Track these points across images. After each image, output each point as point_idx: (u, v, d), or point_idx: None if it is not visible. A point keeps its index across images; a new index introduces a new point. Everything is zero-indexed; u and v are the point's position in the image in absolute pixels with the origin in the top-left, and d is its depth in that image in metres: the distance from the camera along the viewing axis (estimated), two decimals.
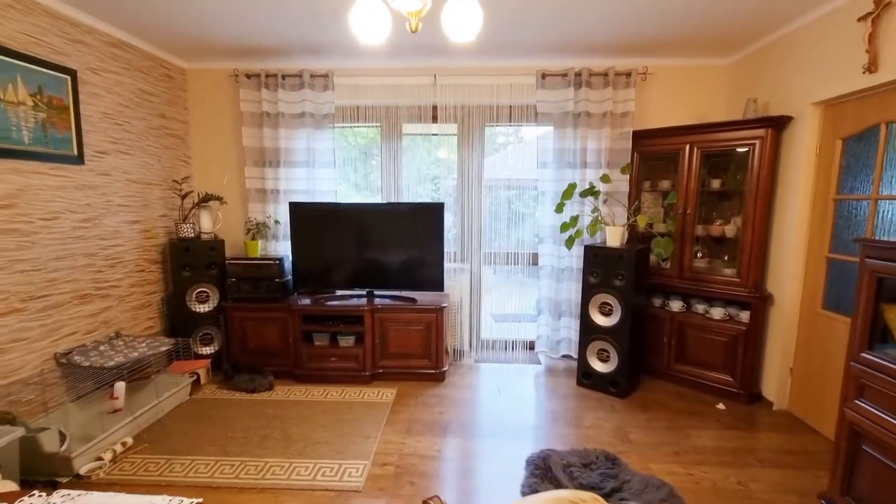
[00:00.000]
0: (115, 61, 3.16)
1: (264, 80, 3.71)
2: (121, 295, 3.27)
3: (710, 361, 3.36)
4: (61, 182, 2.78)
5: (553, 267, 3.87)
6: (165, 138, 3.68)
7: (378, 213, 3.74)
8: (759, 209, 3.12)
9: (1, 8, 2.40)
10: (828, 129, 2.79)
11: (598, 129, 3.64)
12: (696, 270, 3.46)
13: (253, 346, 3.61)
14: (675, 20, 2.91)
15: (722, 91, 3.72)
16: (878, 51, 2.35)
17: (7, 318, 2.47)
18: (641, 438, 2.77)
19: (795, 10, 2.78)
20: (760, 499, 2.21)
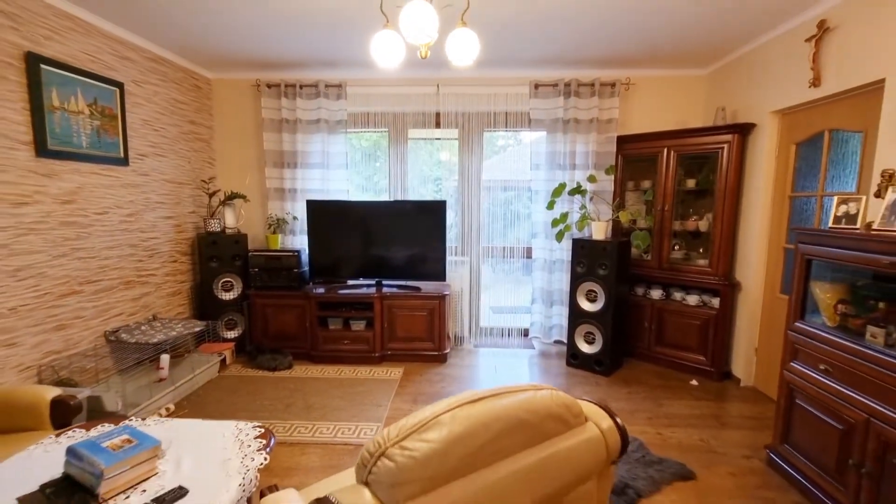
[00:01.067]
0: (153, 74, 3.55)
1: (284, 89, 4.10)
2: (157, 282, 3.65)
3: (685, 343, 3.73)
4: (110, 181, 3.17)
5: (545, 259, 4.25)
6: (194, 142, 4.07)
7: (386, 210, 4.12)
8: (728, 206, 3.49)
9: (67, 31, 2.79)
10: (784, 135, 3.18)
11: (586, 134, 4.02)
12: (674, 262, 3.83)
13: (273, 330, 3.99)
14: (653, 38, 3.29)
15: (699, 99, 4.10)
16: (821, 68, 2.73)
17: (69, 298, 2.86)
18: (620, 407, 3.14)
19: (756, 31, 3.16)
20: (718, 451, 2.58)
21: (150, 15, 2.94)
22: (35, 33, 2.60)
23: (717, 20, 2.96)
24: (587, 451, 1.04)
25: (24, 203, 2.57)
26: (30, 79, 2.56)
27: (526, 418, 0.97)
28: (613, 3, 2.73)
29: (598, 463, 1.06)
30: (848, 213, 2.14)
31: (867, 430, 1.84)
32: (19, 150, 2.53)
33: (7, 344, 2.49)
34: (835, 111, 2.74)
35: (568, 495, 1.01)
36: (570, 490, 1.02)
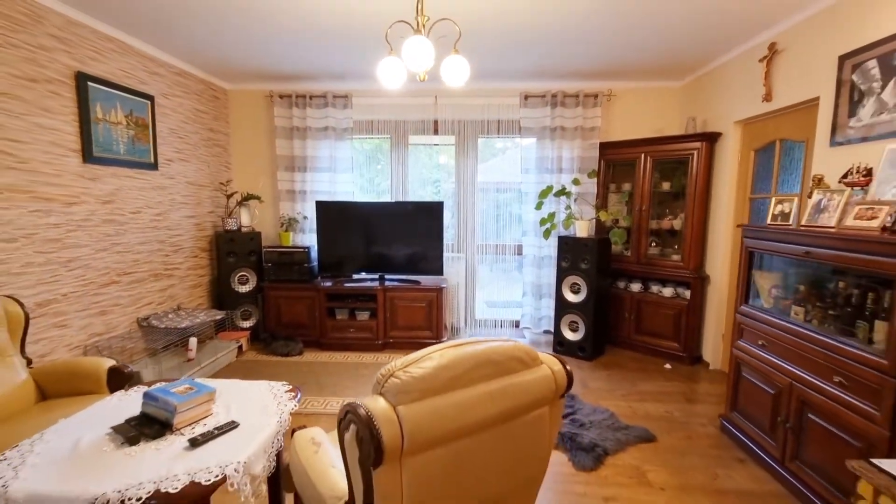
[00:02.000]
0: (179, 87, 3.93)
1: (295, 100, 4.48)
2: (181, 275, 4.03)
3: (660, 331, 4.10)
4: (142, 184, 3.54)
5: (535, 256, 4.62)
6: (212, 148, 4.45)
7: (388, 210, 4.49)
8: (698, 206, 3.87)
9: (108, 52, 3.17)
10: (745, 143, 3.55)
11: (571, 141, 4.40)
12: (651, 257, 4.21)
13: (286, 320, 4.36)
14: (631, 54, 3.66)
15: (674, 108, 4.47)
16: (772, 85, 3.11)
17: (109, 287, 3.23)
18: (598, 386, 3.51)
19: (720, 50, 3.54)
20: (679, 420, 2.95)
21: (178, 34, 3.32)
22: (83, 55, 2.98)
23: (686, 40, 3.33)
24: (540, 384, 1.40)
25: (74, 203, 2.95)
26: (79, 95, 2.94)
27: (494, 357, 1.34)
28: (592, 26, 3.10)
29: (548, 394, 1.42)
30: (783, 212, 2.51)
31: (791, 391, 2.21)
32: (70, 157, 2.91)
33: (60, 325, 2.86)
34: (783, 123, 3.11)
35: (527, 415, 1.38)
36: (527, 411, 1.38)
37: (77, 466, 1.38)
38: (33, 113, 2.65)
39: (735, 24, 3.05)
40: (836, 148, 2.55)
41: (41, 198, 2.72)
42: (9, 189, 2.53)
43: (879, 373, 1.74)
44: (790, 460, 2.22)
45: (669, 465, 2.46)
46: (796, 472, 2.18)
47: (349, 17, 2.95)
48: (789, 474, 2.22)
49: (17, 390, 2.23)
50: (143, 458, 1.42)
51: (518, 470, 1.39)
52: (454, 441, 1.22)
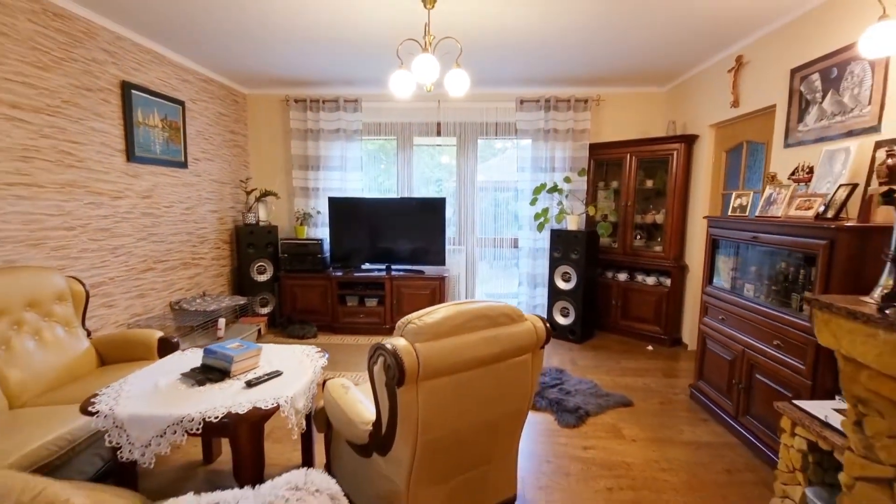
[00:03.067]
0: (205, 93, 4.32)
1: (309, 104, 4.86)
2: (206, 265, 4.41)
3: (644, 316, 4.48)
4: (174, 181, 3.93)
5: (530, 248, 5.00)
6: (233, 148, 4.83)
7: (395, 206, 4.88)
8: (677, 202, 4.25)
9: (148, 63, 3.56)
10: (718, 144, 3.93)
11: (563, 142, 4.78)
12: (636, 249, 4.59)
13: (301, 306, 4.75)
14: (618, 63, 4.04)
15: (659, 112, 4.85)
16: (738, 93, 3.49)
17: (146, 273, 3.62)
18: (585, 364, 3.89)
19: (696, 60, 3.91)
20: (654, 390, 3.33)
21: (206, 45, 3.68)
22: (127, 66, 3.36)
23: (666, 51, 3.69)
24: (525, 335, 1.77)
25: (120, 197, 3.33)
26: (124, 101, 3.32)
27: (488, 313, 1.71)
28: (583, 39, 3.47)
29: (531, 344, 1.79)
30: (741, 205, 2.89)
31: (743, 357, 2.59)
32: (116, 157, 3.29)
33: (108, 305, 3.25)
34: (749, 127, 3.49)
35: (513, 359, 1.75)
36: (514, 356, 1.75)
37: (161, 398, 1.77)
38: (88, 118, 3.04)
39: (708, 39, 3.42)
40: (788, 149, 2.93)
41: (94, 192, 3.11)
42: (69, 185, 2.91)
43: (805, 334, 2.12)
44: (742, 415, 2.60)
45: (642, 424, 2.84)
46: (746, 425, 2.56)
47: (360, 30, 3.33)
48: (741, 427, 2.60)
49: (82, 356, 2.61)
50: (211, 394, 1.80)
51: (506, 402, 1.77)
52: (457, 373, 1.60)
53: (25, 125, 2.62)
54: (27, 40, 2.62)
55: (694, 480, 2.27)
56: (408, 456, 1.59)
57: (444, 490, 1.74)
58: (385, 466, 1.68)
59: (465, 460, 1.76)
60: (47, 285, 2.54)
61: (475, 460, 1.79)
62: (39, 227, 2.73)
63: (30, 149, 2.65)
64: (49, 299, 2.53)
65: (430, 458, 1.63)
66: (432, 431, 1.59)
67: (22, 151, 2.61)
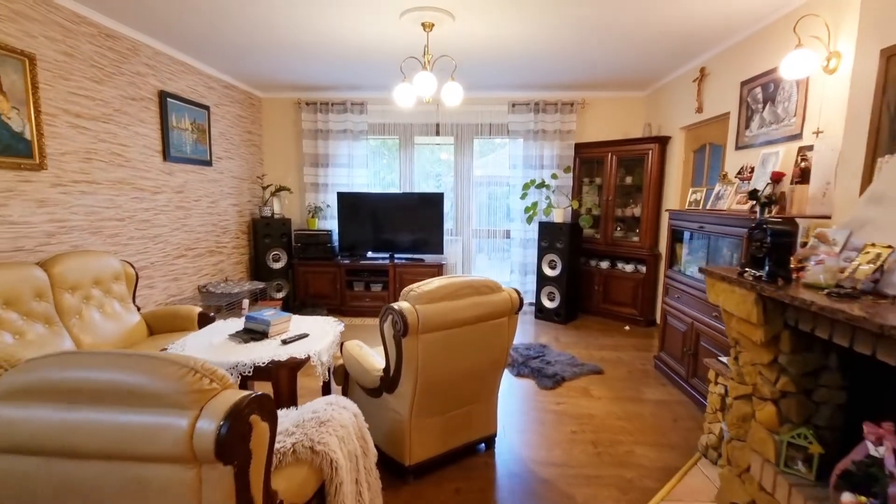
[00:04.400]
0: (226, 98, 4.78)
1: (319, 106, 5.32)
2: (227, 253, 4.90)
3: (622, 300, 4.96)
4: (201, 178, 4.40)
5: (521, 238, 5.48)
6: (250, 147, 5.30)
7: (398, 200, 5.35)
8: (652, 197, 4.71)
9: (180, 73, 4.02)
10: (688, 145, 4.39)
11: (551, 142, 5.24)
12: (616, 239, 5.06)
13: (312, 291, 5.24)
14: (601, 71, 4.48)
15: (639, 114, 5.30)
16: (702, 100, 3.94)
17: (179, 259, 4.11)
18: (567, 341, 4.38)
19: (668, 70, 4.36)
20: (624, 361, 3.82)
21: (229, 56, 4.13)
22: (164, 77, 3.83)
23: (642, 62, 4.12)
24: (501, 303, 2.25)
25: (158, 192, 3.81)
26: (161, 108, 3.79)
27: (473, 284, 2.19)
28: (569, 51, 3.92)
29: (507, 309, 2.27)
30: (696, 199, 3.36)
31: (692, 328, 3.08)
32: (155, 157, 3.77)
33: (149, 286, 3.74)
34: (710, 130, 3.95)
35: (493, 321, 2.22)
36: (493, 318, 2.22)
37: (217, 351, 2.26)
38: (134, 124, 3.51)
39: (677, 52, 3.85)
40: (738, 151, 3.39)
41: (138, 188, 3.59)
42: (120, 182, 3.39)
43: None
44: (691, 377, 3.09)
45: (608, 387, 3.33)
46: (694, 385, 3.05)
47: (366, 46, 3.77)
48: (690, 387, 3.09)
49: (135, 327, 3.10)
50: (256, 348, 2.29)
51: (487, 354, 2.26)
52: (448, 329, 2.09)
53: (87, 131, 3.10)
54: (87, 59, 3.09)
55: (644, 426, 2.76)
56: (410, 392, 2.08)
57: (439, 422, 2.23)
58: (392, 402, 2.17)
59: (455, 399, 2.25)
60: (107, 267, 3.03)
61: (463, 400, 2.29)
62: (97, 217, 3.21)
63: (90, 151, 3.13)
64: (109, 278, 3.02)
65: (427, 395, 2.12)
66: (429, 374, 2.08)
67: (84, 154, 3.08)
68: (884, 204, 1.40)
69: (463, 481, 2.23)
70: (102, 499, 1.06)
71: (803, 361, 1.48)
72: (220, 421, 1.00)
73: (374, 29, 3.36)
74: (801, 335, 1.45)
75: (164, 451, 1.02)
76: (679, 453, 2.48)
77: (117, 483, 1.05)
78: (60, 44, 2.89)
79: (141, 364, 1.07)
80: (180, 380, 1.05)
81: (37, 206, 2.77)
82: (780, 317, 1.47)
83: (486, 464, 2.39)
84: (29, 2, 2.68)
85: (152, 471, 1.04)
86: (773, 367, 1.53)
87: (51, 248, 2.86)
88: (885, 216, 1.38)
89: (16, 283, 2.43)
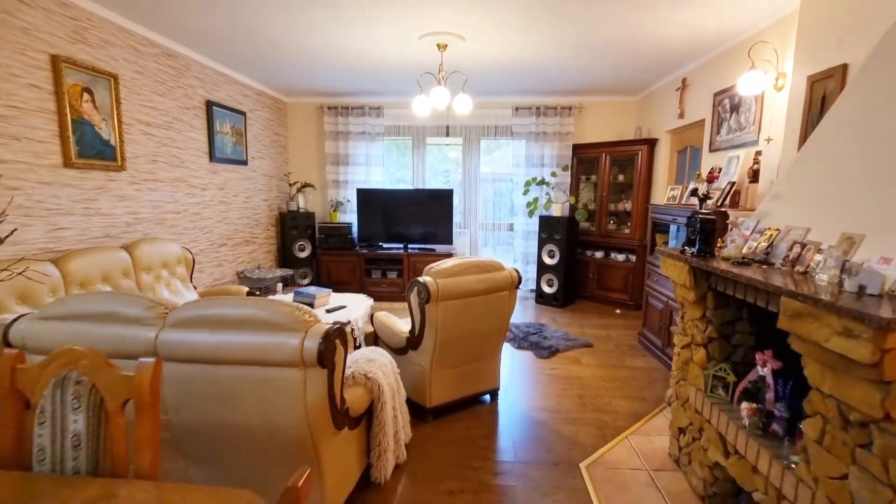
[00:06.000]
0: (258, 103, 5.34)
1: (339, 110, 5.86)
2: (259, 243, 5.47)
3: (615, 287, 5.49)
4: (239, 176, 4.96)
5: (523, 231, 6.01)
6: (277, 148, 5.86)
7: (411, 195, 5.89)
8: (642, 193, 5.23)
9: (222, 83, 4.58)
10: (673, 146, 4.89)
11: (551, 143, 5.75)
12: (609, 231, 5.58)
13: (334, 278, 5.80)
14: (596, 79, 4.99)
15: (631, 118, 5.80)
16: (684, 107, 4.45)
17: (221, 248, 4.68)
18: (563, 321, 4.92)
19: (655, 79, 4.86)
20: (612, 338, 4.36)
21: (262, 67, 4.68)
22: (210, 87, 4.39)
23: (633, 71, 4.63)
24: (504, 279, 2.79)
25: (205, 189, 4.38)
26: (208, 115, 4.35)
27: (480, 263, 2.73)
28: (567, 63, 4.44)
29: (508, 284, 2.81)
30: (673, 196, 3.88)
31: (667, 305, 3.60)
32: (203, 158, 4.33)
33: (199, 271, 4.31)
34: (691, 134, 4.46)
35: (496, 293, 2.77)
36: (497, 291, 2.76)
37: None
38: (188, 129, 4.07)
39: (663, 64, 4.35)
40: (711, 153, 3.90)
41: (190, 185, 4.15)
42: (177, 180, 3.96)
43: None
44: (665, 347, 3.62)
45: (596, 357, 3.87)
46: (668, 354, 3.58)
47: (386, 61, 4.30)
48: (664, 356, 3.62)
49: None
50: None
51: (492, 320, 2.81)
52: (461, 298, 2.63)
53: (153, 138, 3.66)
54: (152, 76, 3.65)
55: (623, 385, 3.31)
56: (431, 348, 2.64)
57: (454, 373, 2.79)
58: (416, 357, 2.72)
59: (467, 355, 2.80)
60: (172, 252, 3.60)
61: (473, 357, 2.84)
62: (161, 210, 3.78)
63: (155, 154, 3.70)
64: (174, 262, 3.60)
65: (444, 351, 2.67)
66: (446, 334, 2.63)
67: (151, 157, 3.65)
68: (780, 200, 1.92)
69: (472, 420, 2.79)
70: (238, 391, 1.62)
71: (723, 315, 2.00)
72: (319, 340, 1.56)
73: (395, 48, 3.89)
74: (720, 295, 1.98)
75: (283, 359, 1.57)
76: (649, 404, 3.02)
77: (249, 381, 1.61)
78: (134, 64, 3.45)
79: (267, 305, 1.63)
80: (292, 314, 1.60)
81: (118, 201, 3.34)
82: (706, 282, 2.00)
83: (490, 410, 2.95)
84: (112, 30, 3.24)
85: (274, 372, 1.59)
86: (703, 320, 2.06)
87: (128, 235, 3.44)
88: (780, 209, 1.90)
89: (110, 262, 3.01)
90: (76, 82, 2.94)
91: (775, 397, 1.69)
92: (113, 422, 1.04)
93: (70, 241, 2.96)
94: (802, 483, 1.43)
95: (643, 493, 2.13)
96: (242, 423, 1.64)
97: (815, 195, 1.77)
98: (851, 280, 1.28)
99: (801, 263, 1.61)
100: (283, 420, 1.61)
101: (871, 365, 1.10)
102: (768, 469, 1.58)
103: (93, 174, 3.10)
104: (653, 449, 2.49)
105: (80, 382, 1.03)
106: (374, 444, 2.11)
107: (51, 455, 1.02)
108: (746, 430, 1.73)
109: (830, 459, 1.32)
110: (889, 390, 1.11)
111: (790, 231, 1.76)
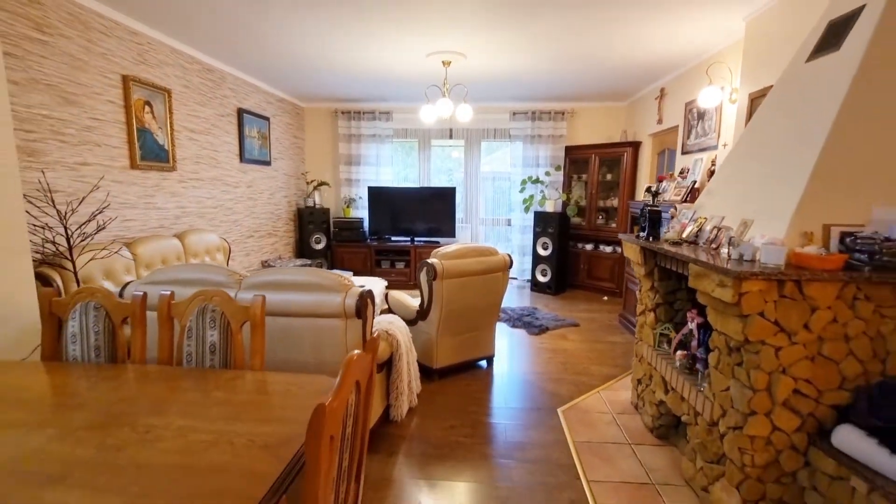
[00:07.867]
0: (280, 109, 5.90)
1: (352, 115, 6.42)
2: (280, 236, 6.04)
3: (603, 276, 6.03)
4: (263, 175, 5.53)
5: (520, 225, 6.56)
6: (295, 149, 6.42)
7: (417, 193, 6.44)
8: (627, 190, 5.76)
9: (250, 92, 5.14)
10: (654, 148, 5.43)
11: (545, 145, 6.29)
12: (598, 226, 6.12)
13: (347, 268, 6.36)
14: (587, 86, 5.53)
15: (620, 122, 6.32)
16: (662, 114, 4.98)
17: (249, 239, 5.25)
18: (554, 306, 5.47)
19: (638, 87, 5.39)
20: (597, 319, 4.91)
21: (283, 76, 5.24)
22: (241, 96, 4.95)
23: (620, 80, 5.18)
24: (498, 262, 3.33)
25: (236, 187, 4.94)
26: (239, 121, 4.92)
27: (479, 248, 3.28)
28: (560, 73, 4.98)
29: (502, 266, 3.35)
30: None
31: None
32: (235, 160, 4.90)
33: (231, 259, 4.88)
34: (668, 137, 4.99)
35: (492, 273, 3.31)
36: (492, 272, 3.31)
37: None
38: (223, 134, 4.64)
39: (642, 76, 4.89)
40: (683, 155, 4.44)
41: (225, 183, 4.72)
42: (214, 179, 4.53)
43: None
44: None
45: (581, 335, 4.42)
46: None
47: (396, 73, 4.86)
48: None
49: None
50: None
51: (488, 296, 3.36)
52: (462, 277, 3.19)
53: (196, 142, 4.23)
54: (196, 88, 4.21)
55: (601, 356, 3.86)
56: (437, 319, 3.19)
57: (456, 340, 3.34)
58: (425, 326, 3.28)
59: (466, 325, 3.36)
60: (213, 241, 4.17)
61: (471, 327, 3.39)
62: (202, 205, 4.35)
63: (198, 157, 4.26)
64: (214, 249, 4.17)
65: (448, 321, 3.23)
66: (450, 307, 3.18)
67: (195, 158, 4.22)
68: (711, 195, 2.46)
69: (471, 379, 3.35)
70: (300, 335, 2.19)
71: (666, 285, 2.55)
72: (357, 298, 2.12)
73: (403, 64, 4.44)
74: (663, 270, 2.53)
75: (330, 311, 2.13)
76: (621, 370, 3.57)
77: (307, 328, 2.17)
78: (181, 79, 4.01)
79: (318, 273, 2.19)
80: (336, 279, 2.16)
81: (170, 197, 3.91)
82: (653, 259, 2.55)
83: (487, 373, 3.51)
84: (166, 52, 3.81)
85: (323, 322, 2.16)
86: (652, 290, 2.61)
87: (177, 227, 4.01)
88: (710, 202, 2.44)
89: (167, 248, 3.58)
90: (140, 97, 3.51)
91: (698, 344, 2.24)
92: (235, 337, 1.60)
93: (135, 230, 3.54)
94: (707, 399, 1.98)
95: (606, 428, 2.69)
96: (300, 360, 2.20)
97: (731, 190, 2.31)
98: (735, 250, 1.83)
99: (717, 242, 2.16)
100: (329, 358, 2.18)
101: (734, 304, 1.66)
102: (689, 395, 2.13)
103: (151, 174, 3.67)
104: (619, 399, 3.05)
105: (214, 311, 1.59)
106: (393, 388, 2.67)
107: (196, 358, 1.58)
108: (678, 370, 2.28)
109: (721, 378, 1.87)
110: (746, 321, 1.67)
111: (712, 218, 2.30)
